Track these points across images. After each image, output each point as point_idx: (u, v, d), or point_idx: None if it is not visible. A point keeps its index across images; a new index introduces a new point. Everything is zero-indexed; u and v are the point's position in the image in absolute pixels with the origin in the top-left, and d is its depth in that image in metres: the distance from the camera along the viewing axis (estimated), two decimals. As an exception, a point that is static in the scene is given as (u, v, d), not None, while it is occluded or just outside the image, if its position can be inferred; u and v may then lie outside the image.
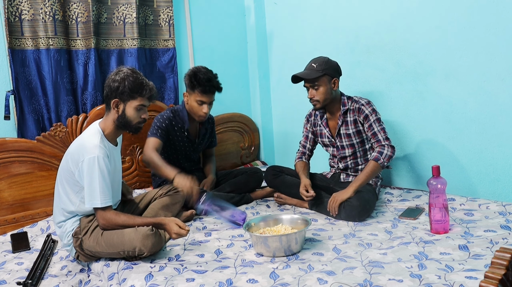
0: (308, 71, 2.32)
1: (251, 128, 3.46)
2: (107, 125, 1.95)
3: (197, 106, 2.47)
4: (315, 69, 2.30)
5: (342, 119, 2.39)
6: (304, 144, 2.59)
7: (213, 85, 2.46)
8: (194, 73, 2.45)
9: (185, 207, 2.39)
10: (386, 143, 2.28)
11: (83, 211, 1.91)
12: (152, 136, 2.45)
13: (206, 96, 2.46)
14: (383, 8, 2.65)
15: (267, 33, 3.45)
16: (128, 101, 1.90)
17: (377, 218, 2.19)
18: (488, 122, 2.28)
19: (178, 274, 1.65)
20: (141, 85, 1.90)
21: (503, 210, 2.08)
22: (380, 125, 2.32)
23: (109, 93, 1.91)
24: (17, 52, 2.47)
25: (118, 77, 1.89)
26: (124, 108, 1.91)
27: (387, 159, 2.24)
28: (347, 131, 2.40)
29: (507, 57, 2.17)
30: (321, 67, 2.29)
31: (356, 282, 1.48)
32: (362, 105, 2.34)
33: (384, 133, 2.31)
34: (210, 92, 2.46)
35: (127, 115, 1.91)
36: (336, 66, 2.36)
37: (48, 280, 1.90)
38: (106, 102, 1.94)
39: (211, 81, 2.45)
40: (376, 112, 2.34)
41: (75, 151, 1.88)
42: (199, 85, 2.43)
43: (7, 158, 2.36)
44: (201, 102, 2.47)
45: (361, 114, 2.34)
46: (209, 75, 2.46)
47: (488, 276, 0.95)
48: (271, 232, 1.88)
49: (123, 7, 2.81)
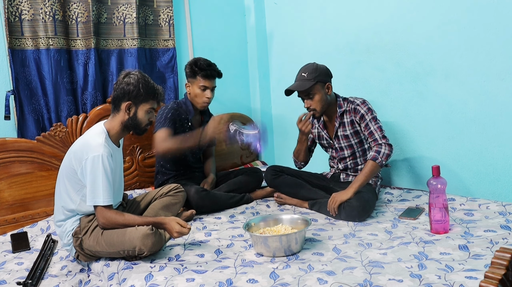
0: (300, 83, 2.31)
1: (251, 128, 3.46)
2: (113, 126, 1.96)
3: (201, 92, 2.54)
4: (306, 79, 2.29)
5: (339, 121, 2.39)
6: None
7: (214, 70, 2.57)
8: (195, 61, 2.56)
9: (185, 207, 2.39)
10: (383, 142, 2.27)
11: (83, 209, 1.91)
12: (160, 128, 2.42)
13: (208, 81, 2.54)
14: (383, 8, 2.65)
15: (267, 33, 3.45)
16: (141, 104, 1.95)
17: (377, 218, 2.19)
18: (488, 122, 2.28)
19: (178, 274, 1.65)
20: (154, 89, 1.97)
21: (503, 210, 2.08)
22: (377, 123, 2.32)
23: (120, 96, 1.93)
24: (17, 52, 2.47)
25: (132, 81, 1.92)
26: (135, 111, 1.95)
27: (385, 157, 2.24)
28: (345, 132, 2.40)
29: (507, 57, 2.17)
30: (312, 76, 2.28)
31: (356, 282, 1.48)
32: (357, 105, 2.34)
33: (381, 132, 2.30)
34: (212, 77, 2.55)
35: (138, 118, 1.96)
36: (326, 70, 2.35)
37: (48, 280, 1.90)
38: (116, 104, 1.96)
39: (211, 65, 2.56)
40: (372, 111, 2.34)
41: (78, 149, 1.89)
42: (201, 70, 2.51)
43: (7, 158, 2.36)
44: (204, 88, 2.54)
45: (357, 115, 2.34)
46: (209, 62, 2.57)
47: (488, 276, 0.94)
48: (271, 232, 1.88)
49: (123, 7, 2.81)
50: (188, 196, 2.37)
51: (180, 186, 2.29)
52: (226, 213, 2.45)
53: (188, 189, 2.39)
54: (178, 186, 2.28)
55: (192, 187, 2.43)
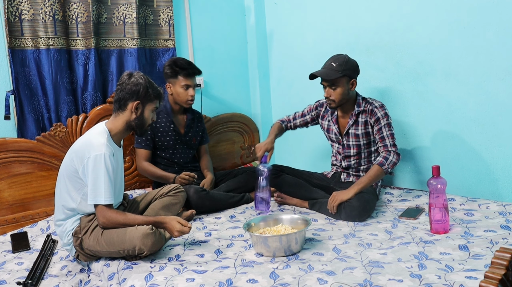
0: (327, 71, 2.29)
1: (251, 128, 3.46)
2: (115, 126, 1.97)
3: (183, 91, 2.59)
4: (334, 69, 2.27)
5: (354, 120, 2.39)
6: (295, 116, 2.64)
7: (195, 68, 2.63)
8: (174, 61, 2.61)
9: (185, 207, 2.39)
10: (393, 149, 2.28)
11: (84, 208, 1.92)
12: (138, 148, 2.63)
13: (190, 80, 2.59)
14: (383, 8, 2.65)
15: (267, 33, 3.45)
16: (147, 104, 1.99)
17: (377, 218, 2.19)
18: (488, 122, 2.28)
19: (178, 274, 1.65)
20: (158, 89, 2.03)
21: (503, 210, 2.08)
22: (390, 130, 2.32)
23: (127, 96, 1.95)
24: (17, 52, 2.47)
25: (141, 81, 1.96)
26: (142, 111, 1.98)
27: (391, 165, 2.25)
28: (356, 131, 2.39)
29: (507, 57, 2.17)
30: (341, 68, 2.26)
31: (356, 282, 1.48)
32: (375, 107, 2.34)
33: (392, 140, 2.31)
34: (193, 75, 2.60)
35: (145, 117, 2.00)
36: (355, 66, 2.34)
37: (48, 280, 1.90)
38: (121, 103, 1.97)
39: (191, 64, 2.62)
40: (388, 117, 2.33)
41: (80, 148, 1.90)
42: (182, 69, 2.57)
43: (7, 158, 2.36)
44: (186, 87, 2.59)
45: (373, 116, 2.34)
46: (188, 61, 2.63)
47: (488, 276, 0.95)
48: (271, 232, 1.88)
49: (123, 7, 2.81)
50: (188, 196, 2.37)
51: (180, 186, 2.30)
52: (226, 213, 2.45)
53: (187, 189, 2.39)
54: (178, 186, 2.28)
55: (191, 187, 2.43)
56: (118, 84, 1.99)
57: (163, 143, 2.63)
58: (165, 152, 2.66)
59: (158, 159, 2.67)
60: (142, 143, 2.60)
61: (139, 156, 2.62)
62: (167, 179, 2.54)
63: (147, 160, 2.61)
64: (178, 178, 2.51)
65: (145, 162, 2.60)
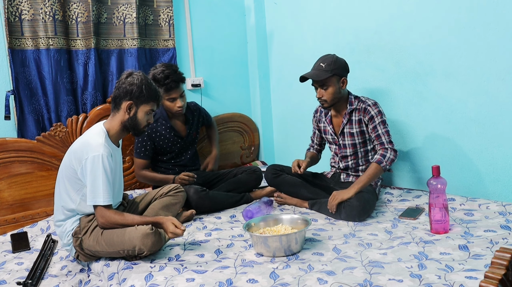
0: (317, 72, 2.30)
1: (251, 128, 3.46)
2: (112, 126, 1.96)
3: (171, 103, 2.54)
4: (323, 69, 2.28)
5: (348, 118, 2.39)
6: (312, 138, 2.66)
7: (173, 80, 2.48)
8: (153, 76, 2.45)
9: (185, 207, 2.39)
10: (389, 146, 2.28)
11: (83, 209, 1.92)
12: (137, 158, 2.60)
13: (173, 92, 2.50)
14: (383, 8, 2.65)
15: (267, 33, 3.45)
16: (141, 105, 1.95)
17: (377, 218, 2.19)
18: (488, 122, 2.28)
19: (178, 274, 1.65)
20: (156, 91, 1.98)
21: (503, 210, 2.08)
22: (385, 127, 2.32)
23: (122, 95, 1.94)
24: (17, 52, 2.47)
25: (135, 81, 1.92)
26: (136, 112, 1.95)
27: (389, 162, 2.25)
28: (351, 130, 2.39)
29: (507, 57, 2.17)
30: (330, 68, 2.28)
31: (356, 282, 1.48)
32: (368, 105, 2.34)
33: (388, 137, 2.31)
34: (175, 88, 2.49)
35: (138, 119, 1.96)
36: (344, 64, 2.35)
37: (48, 280, 1.90)
38: (116, 102, 1.96)
39: (168, 77, 2.45)
40: (382, 114, 2.34)
41: (78, 149, 1.89)
42: (161, 85, 2.45)
43: (7, 158, 2.36)
44: (172, 99, 2.53)
45: (366, 115, 2.34)
46: (166, 73, 2.46)
47: (488, 276, 0.95)
48: (271, 232, 1.88)
49: (123, 7, 2.81)
50: (188, 196, 2.37)
51: (180, 186, 2.30)
52: (226, 213, 2.45)
53: (187, 189, 2.39)
54: (178, 186, 2.28)
55: (191, 187, 2.43)
56: (116, 83, 1.98)
57: (165, 149, 2.63)
58: (167, 156, 2.65)
59: (159, 163, 2.67)
60: (141, 154, 2.58)
61: (137, 165, 2.60)
62: (167, 181, 2.53)
63: (145, 168, 2.60)
64: (178, 178, 2.51)
65: (142, 170, 2.59)
